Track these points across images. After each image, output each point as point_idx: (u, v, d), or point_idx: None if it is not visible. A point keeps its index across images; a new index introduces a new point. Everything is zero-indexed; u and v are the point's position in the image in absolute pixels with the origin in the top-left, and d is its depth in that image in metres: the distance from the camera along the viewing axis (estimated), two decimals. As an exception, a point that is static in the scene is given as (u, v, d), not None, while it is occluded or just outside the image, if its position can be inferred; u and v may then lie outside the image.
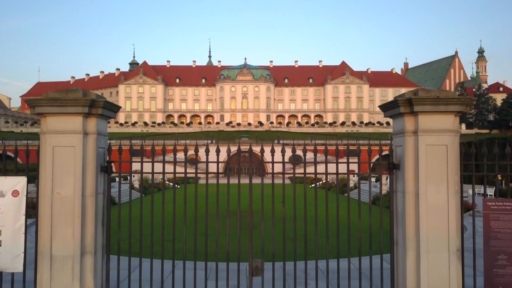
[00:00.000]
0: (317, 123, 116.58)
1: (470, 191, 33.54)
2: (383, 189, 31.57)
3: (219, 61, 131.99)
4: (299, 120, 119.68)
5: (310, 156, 79.24)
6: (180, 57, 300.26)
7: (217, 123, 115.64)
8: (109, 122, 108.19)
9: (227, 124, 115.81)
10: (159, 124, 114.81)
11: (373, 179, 58.31)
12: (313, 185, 52.44)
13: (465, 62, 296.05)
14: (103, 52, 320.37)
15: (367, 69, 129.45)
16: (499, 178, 39.61)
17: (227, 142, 79.72)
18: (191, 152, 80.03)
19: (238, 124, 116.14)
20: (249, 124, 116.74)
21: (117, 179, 53.85)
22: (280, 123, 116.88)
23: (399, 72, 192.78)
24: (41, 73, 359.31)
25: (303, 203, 6.24)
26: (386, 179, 30.29)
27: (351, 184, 40.06)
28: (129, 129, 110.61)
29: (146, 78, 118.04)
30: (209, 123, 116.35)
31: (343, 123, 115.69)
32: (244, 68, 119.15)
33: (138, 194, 38.93)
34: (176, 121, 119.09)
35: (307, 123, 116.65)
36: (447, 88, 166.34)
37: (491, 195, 32.02)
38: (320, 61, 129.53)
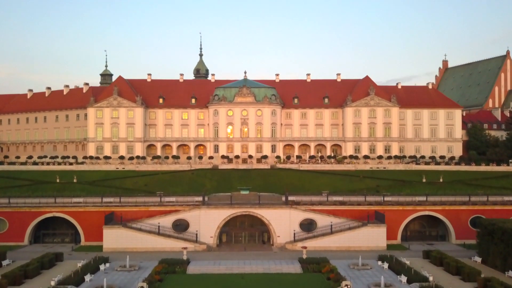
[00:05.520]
0: (334, 157, 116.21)
1: None
2: None
3: (213, 74, 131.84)
4: (312, 151, 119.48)
5: (325, 222, 79.44)
6: (163, 68, 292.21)
7: (210, 157, 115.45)
8: (75, 157, 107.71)
9: (223, 157, 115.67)
10: (138, 157, 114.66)
11: (382, 264, 57.84)
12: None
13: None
14: (66, 57, 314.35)
15: (397, 84, 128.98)
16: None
17: (222, 205, 78.09)
18: (178, 216, 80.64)
19: (237, 157, 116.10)
20: (250, 156, 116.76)
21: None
22: (288, 157, 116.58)
23: (437, 73, 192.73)
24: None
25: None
26: None
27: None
28: (101, 166, 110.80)
29: (121, 100, 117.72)
30: (200, 158, 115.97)
31: (366, 157, 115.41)
32: (244, 87, 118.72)
33: None
34: (159, 152, 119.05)
35: (322, 158, 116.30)
36: (496, 98, 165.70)
37: None
38: (338, 74, 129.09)
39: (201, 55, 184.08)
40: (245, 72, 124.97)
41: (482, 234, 67.12)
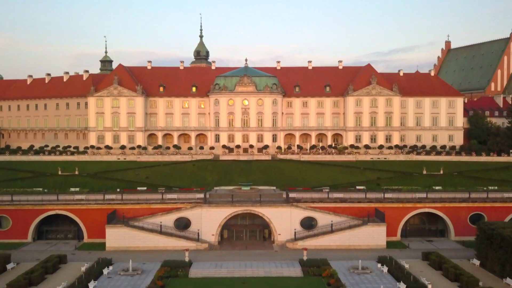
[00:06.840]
0: (335, 147, 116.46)
1: None
2: None
3: (213, 62, 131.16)
4: (313, 139, 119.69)
5: (325, 221, 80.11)
6: (164, 51, 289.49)
7: (211, 148, 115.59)
8: (77, 147, 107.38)
9: (224, 147, 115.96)
10: (139, 147, 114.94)
11: (381, 267, 58.67)
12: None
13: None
14: (66, 44, 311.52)
15: (399, 71, 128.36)
16: None
17: (224, 203, 78.80)
18: (179, 215, 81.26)
19: (238, 147, 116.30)
20: (251, 146, 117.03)
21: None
22: (289, 147, 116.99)
23: (440, 54, 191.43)
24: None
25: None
26: None
27: None
28: (103, 157, 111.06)
29: (122, 89, 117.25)
30: (201, 148, 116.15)
31: (367, 146, 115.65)
32: (245, 77, 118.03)
33: None
34: (160, 141, 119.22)
35: (323, 148, 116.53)
36: (499, 81, 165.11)
37: None
38: (340, 62, 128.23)
39: (201, 36, 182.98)
40: (246, 60, 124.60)
41: (481, 238, 67.67)
